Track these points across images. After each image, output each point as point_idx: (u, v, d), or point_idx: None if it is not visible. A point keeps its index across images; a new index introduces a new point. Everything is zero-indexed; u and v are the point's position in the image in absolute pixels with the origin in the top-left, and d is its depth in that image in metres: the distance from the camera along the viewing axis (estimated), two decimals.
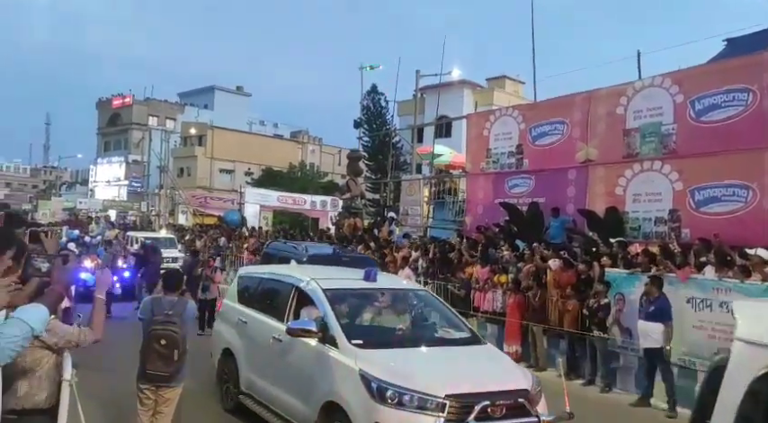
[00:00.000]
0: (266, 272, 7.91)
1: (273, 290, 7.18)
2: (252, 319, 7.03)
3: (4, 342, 1.94)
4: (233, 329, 7.39)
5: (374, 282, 6.48)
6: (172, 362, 5.15)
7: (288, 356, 6.09)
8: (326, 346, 5.53)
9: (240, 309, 7.43)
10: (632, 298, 9.13)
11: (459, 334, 6.28)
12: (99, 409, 6.71)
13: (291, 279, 6.75)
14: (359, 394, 4.98)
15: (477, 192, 16.96)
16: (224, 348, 7.44)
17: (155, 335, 5.16)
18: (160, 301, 5.42)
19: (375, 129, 39.03)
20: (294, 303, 6.40)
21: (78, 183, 75.61)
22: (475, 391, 4.95)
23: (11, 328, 2.01)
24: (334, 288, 6.22)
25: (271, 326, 6.48)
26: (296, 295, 6.42)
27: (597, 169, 13.59)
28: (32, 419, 3.40)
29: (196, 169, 53.11)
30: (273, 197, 33.54)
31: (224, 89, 67.48)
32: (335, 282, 6.53)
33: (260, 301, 7.32)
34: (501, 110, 17.31)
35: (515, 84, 40.29)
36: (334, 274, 7.21)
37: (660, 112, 12.34)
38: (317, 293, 6.07)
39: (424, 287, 7.86)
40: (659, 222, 12.15)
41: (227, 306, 7.91)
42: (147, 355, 5.19)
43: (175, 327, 5.18)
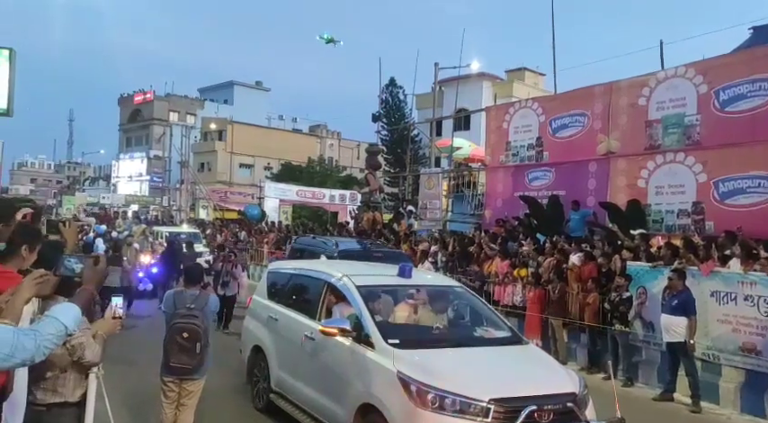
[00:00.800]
0: (296, 267, 7.67)
1: (304, 286, 6.98)
2: (282, 315, 6.83)
3: (40, 340, 2.00)
4: (263, 326, 7.20)
5: (409, 278, 6.19)
6: (194, 354, 5.22)
7: (321, 356, 5.88)
8: (361, 345, 5.31)
9: (270, 305, 7.22)
10: (655, 291, 9.03)
11: (500, 333, 5.97)
12: (125, 401, 6.84)
13: (323, 275, 6.51)
14: (397, 397, 4.77)
15: (496, 185, 16.87)
16: (254, 345, 7.27)
17: (177, 328, 5.23)
18: (182, 294, 5.51)
19: (393, 122, 38.97)
20: (326, 300, 6.19)
21: (101, 178, 76.75)
22: (520, 394, 4.69)
23: (47, 326, 2.08)
24: (368, 285, 5.99)
25: (302, 323, 6.29)
26: (328, 292, 6.21)
27: (619, 161, 13.44)
28: (61, 412, 3.49)
29: (216, 164, 53.55)
30: (293, 191, 33.71)
31: (243, 84, 67.88)
32: (369, 278, 6.29)
33: (290, 297, 7.11)
34: (520, 102, 17.17)
35: (535, 76, 39.94)
36: (367, 270, 6.97)
37: (684, 102, 12.15)
38: (351, 290, 5.82)
39: (459, 283, 7.54)
40: (682, 215, 11.99)
41: (257, 302, 7.70)
42: (170, 348, 5.26)
43: (197, 320, 5.25)
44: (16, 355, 1.89)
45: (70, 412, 3.54)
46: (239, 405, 7.25)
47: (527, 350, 5.81)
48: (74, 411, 3.57)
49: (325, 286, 6.27)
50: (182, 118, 61.74)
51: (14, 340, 1.90)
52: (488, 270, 12.32)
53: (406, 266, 6.26)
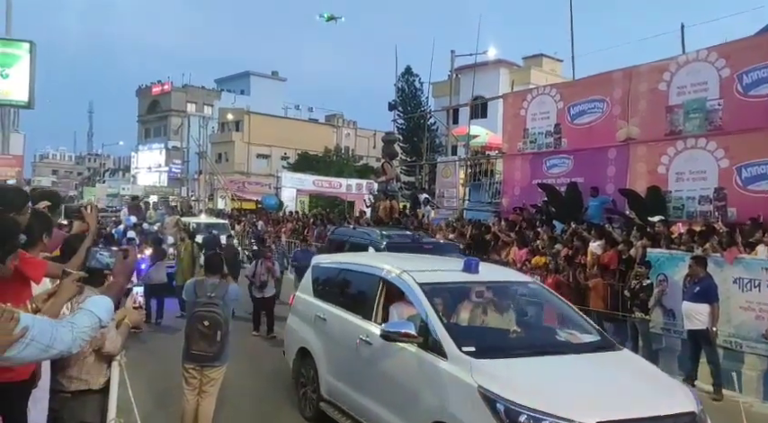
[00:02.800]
0: (345, 261, 6.92)
1: (356, 283, 6.29)
2: (332, 315, 6.16)
3: (76, 332, 2.06)
4: (309, 327, 6.55)
5: (476, 273, 5.44)
6: (215, 342, 5.30)
7: (380, 363, 5.20)
8: (430, 353, 4.65)
9: (317, 303, 6.60)
10: (676, 279, 8.93)
11: (588, 337, 5.15)
12: (147, 388, 6.95)
13: (378, 270, 5.78)
14: (479, 417, 4.05)
15: (513, 173, 16.76)
16: (300, 348, 6.65)
17: (198, 316, 5.34)
18: (203, 283, 5.58)
19: (410, 111, 38.81)
20: (381, 299, 5.55)
21: (121, 170, 77.57)
22: (632, 416, 3.94)
23: (82, 318, 2.14)
24: (431, 282, 5.24)
25: (355, 325, 5.63)
26: (383, 289, 5.56)
27: (638, 148, 13.27)
28: (86, 398, 3.58)
29: (233, 154, 53.82)
30: (309, 181, 33.84)
31: (259, 74, 67.99)
32: (431, 274, 5.49)
33: (340, 295, 6.46)
34: (538, 89, 17.00)
35: (553, 62, 39.44)
36: (426, 265, 6.18)
37: (705, 87, 11.94)
38: (413, 288, 5.13)
39: (533, 279, 6.69)
40: (704, 201, 11.83)
41: (301, 300, 7.05)
42: (191, 335, 5.37)
43: (218, 308, 5.34)
44: (55, 346, 1.96)
45: (94, 399, 3.62)
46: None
47: (624, 358, 4.98)
48: (98, 398, 3.65)
49: (380, 283, 5.60)
50: (199, 109, 62.07)
51: (54, 332, 1.95)
52: (505, 258, 12.26)
53: (472, 261, 5.52)
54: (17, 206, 3.24)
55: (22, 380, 2.94)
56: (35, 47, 15.89)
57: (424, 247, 9.49)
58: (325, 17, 27.85)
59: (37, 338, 1.89)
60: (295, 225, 22.42)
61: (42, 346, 1.92)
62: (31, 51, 15.79)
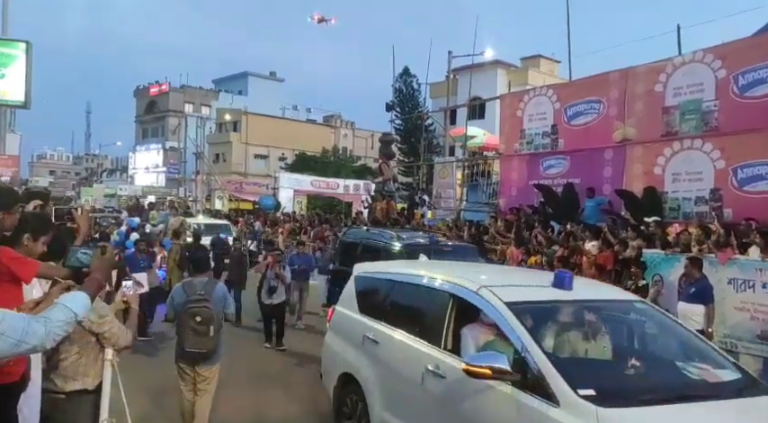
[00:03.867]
0: (398, 272, 5.77)
1: (416, 298, 5.29)
2: (386, 338, 5.12)
3: (50, 326, 2.05)
4: (355, 349, 5.50)
5: (570, 289, 4.38)
6: (208, 338, 5.32)
7: (459, 403, 4.13)
8: (532, 395, 3.58)
9: (364, 321, 5.55)
10: (671, 279, 8.95)
11: (725, 374, 4.00)
12: (139, 389, 6.91)
13: (446, 285, 4.75)
14: None
15: (511, 173, 16.77)
16: (343, 373, 5.59)
17: (190, 312, 5.35)
18: (192, 282, 5.65)
19: (407, 111, 38.83)
20: (452, 320, 4.52)
21: (118, 170, 77.53)
22: None
23: (57, 313, 2.13)
24: (520, 301, 4.20)
25: (419, 351, 4.62)
26: (455, 308, 4.53)
27: (635, 149, 13.29)
28: (80, 398, 3.59)
29: (231, 155, 53.82)
30: (307, 182, 33.83)
31: (257, 75, 68.01)
32: (516, 290, 4.47)
33: (395, 312, 5.40)
34: (535, 89, 17.02)
35: (550, 63, 39.50)
36: (507, 279, 5.19)
37: (701, 88, 11.96)
38: (498, 309, 4.08)
39: (639, 297, 5.56)
40: (700, 202, 11.84)
41: (344, 316, 6.03)
42: (184, 333, 5.37)
43: (209, 304, 5.38)
44: (27, 340, 1.94)
45: (88, 399, 3.64)
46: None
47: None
48: (91, 399, 3.66)
49: (450, 301, 4.58)
50: (197, 109, 62.07)
51: (25, 326, 1.94)
52: (500, 258, 12.28)
53: (564, 274, 4.51)
54: (6, 205, 3.22)
55: (11, 382, 2.93)
56: (31, 47, 15.88)
57: (443, 250, 9.07)
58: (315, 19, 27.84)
59: (7, 332, 1.88)
60: (293, 225, 22.41)
61: (14, 340, 1.90)
62: (28, 51, 15.79)
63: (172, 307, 5.62)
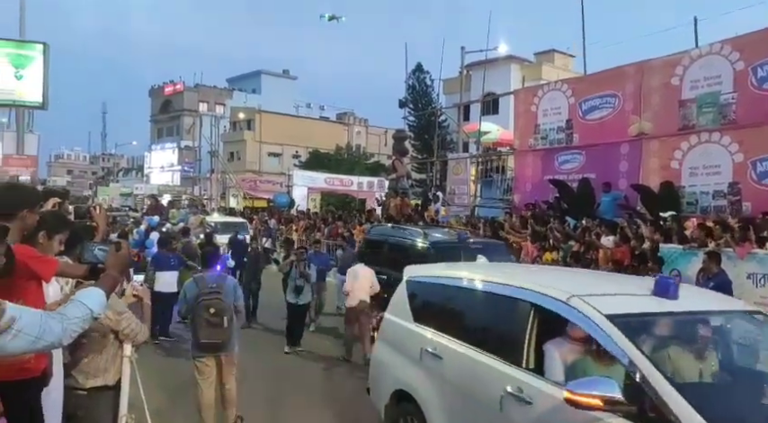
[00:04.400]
0: (461, 277, 4.98)
1: (487, 308, 4.60)
2: (451, 353, 4.46)
3: (67, 323, 2.07)
4: (412, 364, 4.87)
5: (675, 298, 3.69)
6: (222, 329, 5.49)
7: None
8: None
9: (421, 333, 4.89)
10: (689, 274, 8.85)
11: None
12: (157, 385, 6.99)
13: (525, 293, 4.06)
14: None
15: (525, 169, 16.68)
16: (396, 390, 4.97)
17: (204, 305, 5.52)
18: (203, 277, 5.83)
19: (421, 108, 38.74)
20: (533, 335, 3.88)
21: (134, 169, 78.24)
22: None
23: (73, 310, 2.14)
24: (624, 314, 3.51)
25: (495, 370, 3.96)
26: (537, 320, 3.89)
27: (651, 143, 13.16)
28: (100, 395, 3.66)
29: (245, 153, 54.04)
30: (321, 179, 33.85)
31: (271, 73, 68.20)
32: (615, 300, 3.75)
33: (459, 323, 4.74)
34: (549, 84, 16.91)
35: (565, 57, 39.13)
36: (592, 284, 4.43)
37: (719, 80, 11.82)
38: (599, 324, 3.39)
39: (755, 306, 4.73)
40: (718, 196, 11.72)
41: (396, 326, 5.33)
42: (199, 325, 5.53)
43: (221, 296, 5.57)
44: (45, 337, 1.96)
45: (108, 395, 3.70)
46: None
47: None
48: (111, 395, 3.72)
49: (531, 312, 3.92)
50: (211, 108, 62.43)
51: (42, 323, 1.96)
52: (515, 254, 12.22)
53: (668, 281, 3.82)
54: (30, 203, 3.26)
55: (33, 377, 2.97)
56: (48, 48, 16.08)
57: (471, 247, 8.88)
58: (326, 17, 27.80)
59: (25, 330, 1.90)
60: (307, 223, 22.48)
61: (31, 337, 1.92)
62: (45, 52, 15.99)
63: (185, 302, 5.77)
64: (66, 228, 3.54)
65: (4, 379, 2.17)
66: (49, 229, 3.34)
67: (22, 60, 15.73)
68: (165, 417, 5.90)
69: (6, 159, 16.69)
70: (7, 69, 15.60)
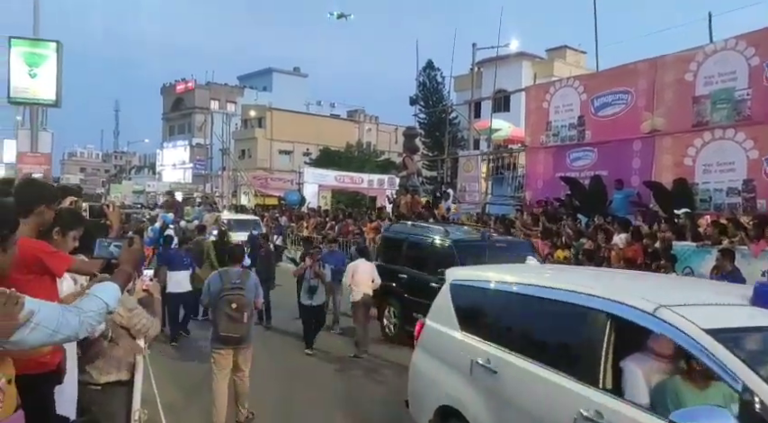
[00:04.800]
0: (516, 282, 4.41)
1: (550, 317, 4.02)
2: (509, 367, 3.95)
3: (83, 316, 2.10)
4: (460, 377, 4.37)
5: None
6: (242, 323, 5.72)
7: None
8: None
9: (471, 343, 4.39)
10: (702, 272, 8.78)
11: None
12: (170, 381, 7.05)
13: (600, 301, 3.54)
14: None
15: (536, 166, 16.61)
16: (441, 406, 4.49)
17: (226, 300, 5.75)
18: (228, 272, 6.09)
19: (431, 105, 38.69)
20: (611, 349, 3.39)
21: (146, 167, 78.77)
22: None
23: (89, 303, 2.17)
24: (727, 328, 3.07)
25: (564, 389, 3.46)
26: (614, 333, 3.40)
27: (664, 140, 13.05)
28: (114, 390, 3.71)
29: (256, 151, 54.22)
30: (331, 176, 33.90)
31: (281, 71, 68.36)
32: (711, 312, 3.30)
33: (517, 334, 4.25)
34: (561, 81, 16.81)
35: (577, 54, 38.91)
36: (680, 293, 3.80)
37: (734, 76, 11.69)
38: (699, 340, 2.93)
39: None
40: (732, 193, 11.59)
41: (439, 334, 4.84)
42: (220, 319, 5.75)
43: (243, 292, 5.83)
44: (62, 330, 1.99)
45: (122, 391, 3.74)
46: None
47: None
48: (125, 390, 3.76)
49: (608, 323, 3.42)
50: (222, 106, 62.69)
51: (60, 317, 1.99)
52: None
53: (765, 288, 3.36)
54: (48, 199, 3.30)
55: (48, 371, 3.00)
56: (62, 46, 16.19)
57: (495, 246, 8.65)
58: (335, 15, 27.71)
59: (43, 323, 1.93)
60: (317, 220, 22.54)
61: (49, 330, 1.95)
62: (58, 51, 16.10)
63: (208, 294, 6.01)
64: (81, 225, 3.57)
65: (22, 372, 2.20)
66: (63, 226, 3.38)
67: (35, 59, 15.85)
68: (177, 411, 5.95)
69: (21, 157, 16.84)
70: (21, 68, 15.73)
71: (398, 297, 9.75)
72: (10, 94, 15.95)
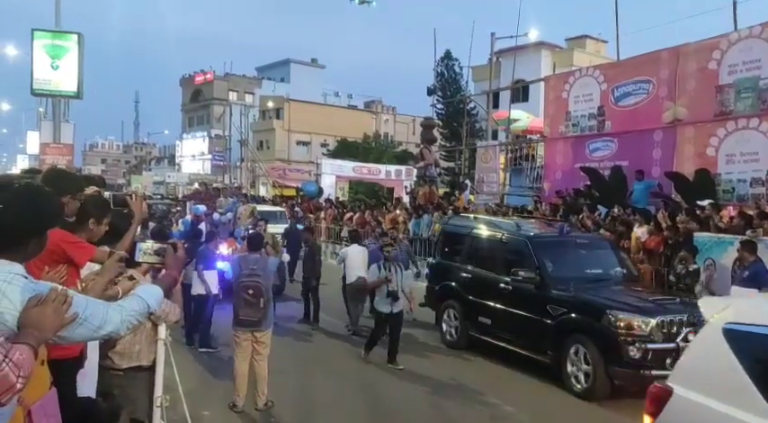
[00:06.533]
0: None
1: None
2: None
3: (125, 314, 2.16)
4: None
5: None
6: (258, 308, 5.96)
7: None
8: None
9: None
10: (724, 263, 8.66)
11: None
12: (191, 367, 7.18)
13: None
14: None
15: (555, 157, 16.47)
16: None
17: (243, 286, 6.02)
18: (246, 258, 6.32)
19: (449, 95, 38.47)
20: None
21: (166, 158, 79.47)
22: None
23: (133, 303, 2.24)
24: None
25: None
26: None
27: (686, 129, 12.86)
28: (136, 375, 3.80)
29: (274, 142, 54.42)
30: (349, 167, 33.89)
31: (299, 62, 68.39)
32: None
33: None
34: (581, 70, 16.61)
35: (597, 43, 38.39)
36: None
37: (758, 65, 11.47)
38: None
39: None
40: (756, 184, 11.41)
41: (713, 415, 2.80)
42: (238, 303, 6.04)
43: (260, 279, 6.04)
44: (105, 327, 2.06)
45: (143, 376, 3.82)
46: None
47: None
48: (146, 375, 3.83)
49: None
50: (240, 97, 62.96)
51: (104, 314, 2.05)
52: None
53: None
54: (73, 190, 3.36)
55: (73, 357, 3.07)
56: (83, 38, 16.36)
57: (576, 243, 8.14)
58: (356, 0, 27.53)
59: (89, 319, 1.99)
60: (335, 211, 22.59)
61: (93, 326, 2.01)
62: (80, 43, 16.27)
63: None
64: (110, 212, 3.65)
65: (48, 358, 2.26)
66: (98, 216, 3.45)
67: (57, 51, 16.03)
68: (198, 398, 6.03)
69: (44, 148, 17.11)
70: (44, 60, 15.93)
71: (460, 298, 8.82)
72: (33, 86, 16.17)
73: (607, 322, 6.59)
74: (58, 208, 2.26)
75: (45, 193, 2.06)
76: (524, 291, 7.66)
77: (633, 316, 6.56)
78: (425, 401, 6.65)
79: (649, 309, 6.84)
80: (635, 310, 6.71)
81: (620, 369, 6.48)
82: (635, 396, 6.01)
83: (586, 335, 6.85)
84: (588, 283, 7.71)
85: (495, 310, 8.14)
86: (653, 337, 6.41)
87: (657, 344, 6.37)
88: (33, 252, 1.99)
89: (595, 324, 6.75)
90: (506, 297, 7.98)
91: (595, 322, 6.75)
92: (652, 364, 6.30)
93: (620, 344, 6.42)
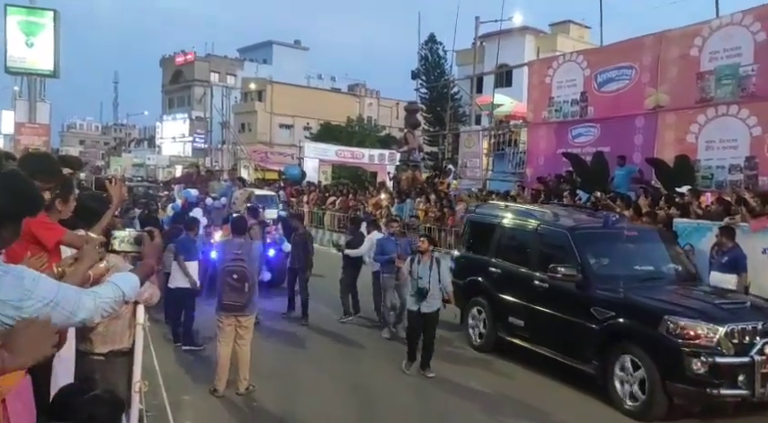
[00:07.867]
0: None
1: None
2: None
3: (99, 301, 2.11)
4: None
5: None
6: (243, 293, 5.95)
7: None
8: None
9: None
10: (702, 248, 8.77)
11: None
12: (170, 352, 7.13)
13: None
14: None
15: (538, 142, 16.52)
16: None
17: (228, 271, 6.01)
18: (231, 242, 6.36)
19: (433, 80, 38.34)
20: None
21: (146, 140, 78.38)
22: None
23: (107, 290, 2.19)
24: None
25: None
26: None
27: (667, 116, 12.96)
28: (116, 359, 3.77)
29: (256, 124, 53.91)
30: (332, 151, 33.71)
31: (282, 43, 67.63)
32: None
33: None
34: (564, 56, 16.63)
35: (580, 29, 38.43)
36: None
37: (739, 52, 11.56)
38: None
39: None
40: (734, 170, 11.56)
41: None
42: (223, 288, 6.02)
43: (244, 263, 6.01)
44: (78, 313, 2.00)
45: (123, 360, 3.80)
46: None
47: None
48: (125, 360, 3.80)
49: None
50: (222, 79, 62.10)
51: (77, 299, 2.00)
52: None
53: None
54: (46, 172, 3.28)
55: None
56: (59, 15, 15.97)
57: (624, 235, 7.04)
58: None
59: (62, 304, 1.94)
60: (318, 195, 22.51)
61: (67, 312, 1.97)
62: (55, 20, 15.89)
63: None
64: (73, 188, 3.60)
65: None
66: (62, 194, 3.38)
67: (32, 28, 15.64)
68: (178, 383, 6.00)
69: (19, 128, 16.74)
70: (18, 37, 15.54)
71: (489, 296, 8.02)
72: (7, 64, 15.79)
73: (665, 330, 5.69)
74: (38, 194, 2.20)
75: (23, 178, 2.01)
76: (563, 290, 6.78)
77: (697, 323, 5.64)
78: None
79: (717, 314, 5.85)
80: (699, 316, 5.75)
81: (682, 386, 5.56)
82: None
83: (639, 344, 5.94)
84: (639, 281, 6.69)
85: (529, 310, 7.29)
86: (722, 348, 5.53)
87: (727, 357, 5.52)
88: (7, 239, 1.93)
89: (650, 331, 5.84)
90: (542, 296, 7.11)
91: (650, 329, 5.85)
92: (721, 381, 5.45)
93: (681, 356, 5.53)
